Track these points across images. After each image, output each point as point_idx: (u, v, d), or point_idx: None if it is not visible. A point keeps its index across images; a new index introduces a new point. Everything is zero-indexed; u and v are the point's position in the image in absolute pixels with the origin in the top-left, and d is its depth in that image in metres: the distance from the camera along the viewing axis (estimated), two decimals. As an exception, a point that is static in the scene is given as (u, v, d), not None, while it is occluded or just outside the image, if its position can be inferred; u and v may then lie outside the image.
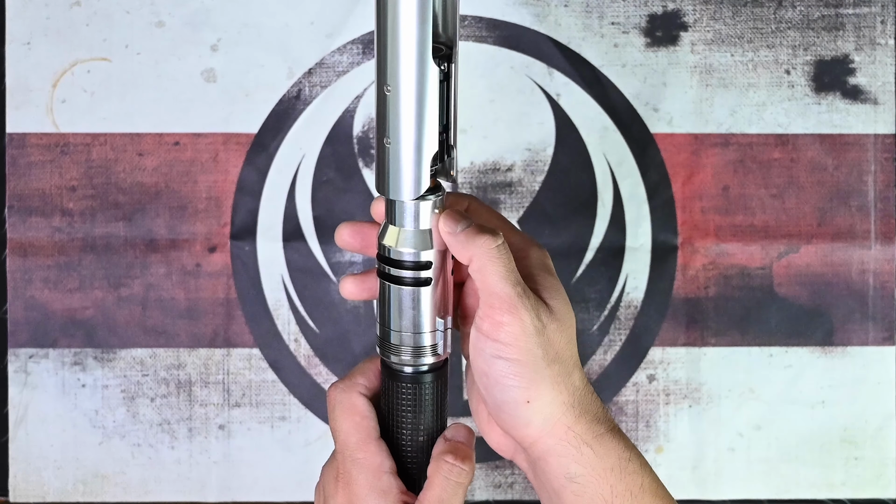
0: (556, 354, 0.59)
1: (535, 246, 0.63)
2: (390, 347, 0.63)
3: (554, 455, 0.59)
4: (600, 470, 0.59)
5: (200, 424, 0.90)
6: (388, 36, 0.58)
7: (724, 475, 0.90)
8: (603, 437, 0.60)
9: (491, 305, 0.58)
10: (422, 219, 0.61)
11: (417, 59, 0.58)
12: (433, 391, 0.64)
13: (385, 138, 0.59)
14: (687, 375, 0.90)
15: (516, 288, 0.58)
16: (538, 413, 0.59)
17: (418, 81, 0.58)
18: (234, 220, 0.90)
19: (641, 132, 0.90)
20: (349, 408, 0.63)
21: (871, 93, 0.90)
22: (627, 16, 0.90)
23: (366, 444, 0.63)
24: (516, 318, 0.58)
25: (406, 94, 0.58)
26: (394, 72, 0.58)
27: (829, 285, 0.90)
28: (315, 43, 0.90)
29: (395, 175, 0.60)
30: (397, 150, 0.59)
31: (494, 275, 0.58)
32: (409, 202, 0.60)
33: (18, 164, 0.89)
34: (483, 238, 0.59)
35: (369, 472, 0.62)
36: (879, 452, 0.90)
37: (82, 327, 0.89)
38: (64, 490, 0.90)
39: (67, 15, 0.89)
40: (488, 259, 0.58)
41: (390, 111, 0.59)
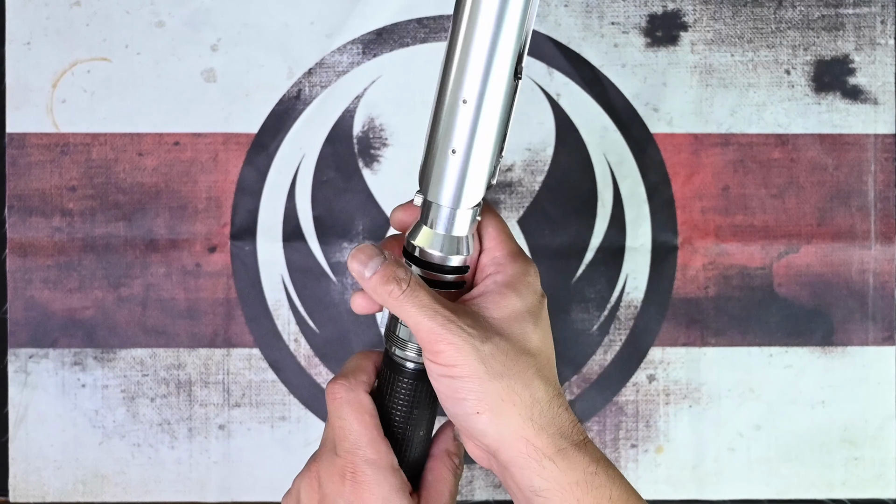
0: (503, 369, 0.60)
1: (515, 262, 0.63)
2: (398, 342, 0.63)
3: (517, 467, 0.60)
4: (565, 484, 0.59)
5: (200, 424, 0.90)
6: (474, 49, 0.58)
7: (724, 475, 0.90)
8: (566, 452, 0.60)
9: (422, 339, 0.60)
10: (469, 226, 0.62)
11: (503, 75, 0.59)
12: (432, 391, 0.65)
13: (451, 148, 0.59)
14: (687, 375, 0.90)
15: (436, 319, 0.59)
16: (490, 424, 0.59)
17: (499, 97, 0.59)
18: (234, 220, 0.90)
19: (641, 132, 0.90)
20: (358, 407, 0.64)
21: (871, 93, 0.90)
22: (627, 16, 0.90)
23: (377, 443, 0.63)
24: (447, 344, 0.59)
25: (486, 109, 0.59)
26: (474, 85, 0.59)
27: (829, 285, 0.90)
28: (315, 43, 0.90)
29: (456, 184, 0.60)
30: (465, 160, 0.60)
31: (411, 316, 0.60)
32: (463, 210, 0.61)
33: (18, 164, 0.89)
34: (388, 288, 0.60)
35: (384, 470, 0.63)
36: (879, 452, 0.90)
37: (82, 327, 0.89)
38: (64, 490, 0.90)
39: (67, 15, 0.89)
40: (399, 306, 0.60)
41: (462, 123, 0.59)
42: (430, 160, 0.61)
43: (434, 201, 0.61)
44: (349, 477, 0.63)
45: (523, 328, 0.61)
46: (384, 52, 0.90)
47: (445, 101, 0.59)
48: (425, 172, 0.61)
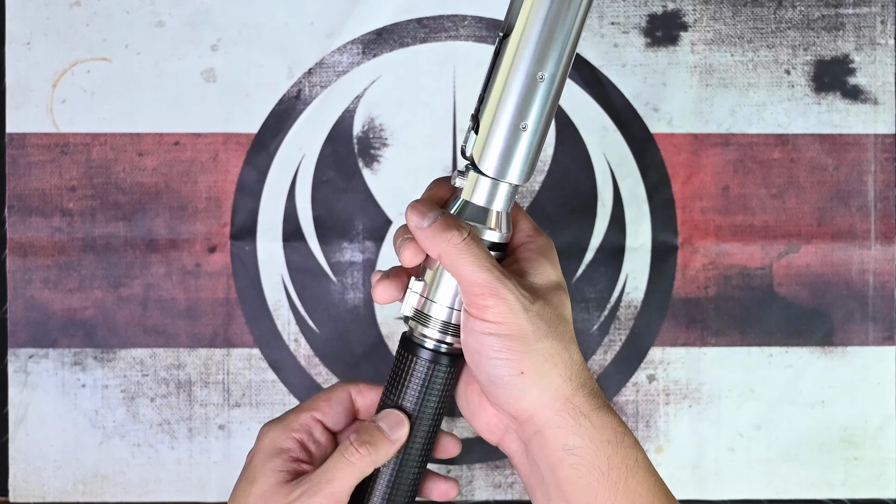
0: (548, 330, 0.61)
1: (542, 235, 0.65)
2: (422, 318, 0.64)
3: (552, 427, 0.60)
4: (598, 442, 0.60)
5: (200, 424, 0.90)
6: (564, 22, 0.59)
7: (724, 475, 0.90)
8: (600, 411, 0.61)
9: (473, 293, 0.60)
10: (512, 203, 0.64)
11: (572, 49, 0.60)
12: (444, 382, 0.65)
13: (522, 124, 0.60)
14: (687, 375, 0.90)
15: (493, 272, 0.60)
16: (533, 385, 0.60)
17: (567, 72, 0.61)
18: (234, 220, 0.90)
19: (641, 132, 0.90)
20: (329, 391, 0.68)
21: (871, 93, 0.90)
22: (627, 16, 0.90)
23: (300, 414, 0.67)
24: (500, 299, 0.59)
25: (558, 84, 0.60)
26: (553, 59, 0.60)
27: (829, 285, 0.90)
28: (315, 43, 0.90)
29: (519, 160, 0.62)
30: (534, 136, 0.61)
31: (467, 266, 0.60)
32: (511, 185, 0.63)
33: (18, 164, 0.89)
34: (450, 234, 0.60)
35: (281, 431, 0.66)
36: (879, 452, 0.90)
37: (82, 327, 0.89)
38: (64, 490, 0.90)
39: (67, 15, 0.89)
40: (458, 254, 0.60)
41: (539, 99, 0.60)
42: (492, 135, 0.61)
43: (500, 178, 0.62)
44: (256, 441, 0.67)
45: (560, 296, 0.63)
46: (384, 52, 0.90)
47: (518, 76, 0.60)
48: (485, 148, 0.62)
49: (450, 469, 0.90)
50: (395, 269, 0.65)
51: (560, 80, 0.61)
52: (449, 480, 0.70)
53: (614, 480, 0.60)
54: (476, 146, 0.62)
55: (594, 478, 0.60)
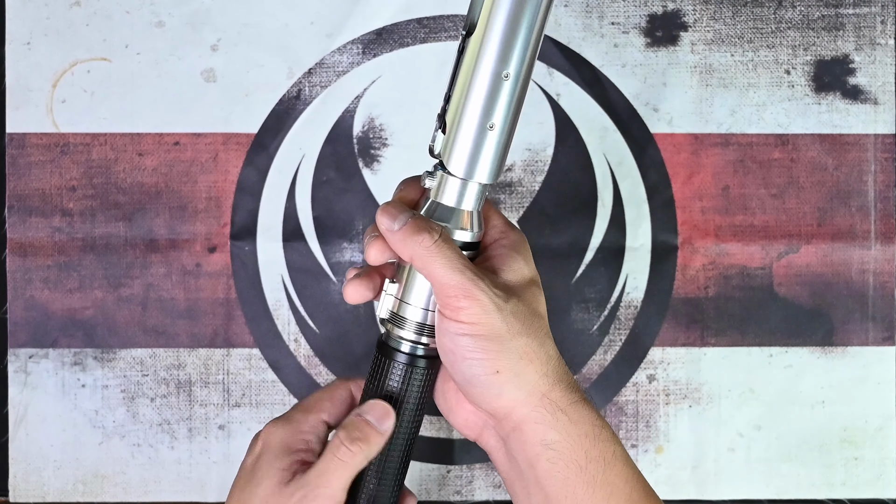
0: (522, 328, 0.61)
1: (514, 231, 0.65)
2: (397, 320, 0.64)
3: (530, 422, 0.60)
4: (575, 436, 0.60)
5: (200, 424, 0.90)
6: (523, 24, 0.59)
7: (724, 475, 0.90)
8: (577, 404, 0.61)
9: (446, 295, 0.60)
10: (482, 202, 0.63)
11: (536, 47, 0.60)
12: (422, 384, 0.65)
13: (489, 123, 0.60)
14: (687, 375, 0.90)
15: (465, 273, 0.60)
16: (509, 383, 0.60)
17: (531, 70, 0.60)
18: (234, 220, 0.90)
19: (641, 132, 0.90)
20: (329, 388, 0.68)
21: (871, 93, 0.90)
22: (627, 16, 0.90)
23: (308, 414, 0.67)
24: (473, 300, 0.59)
25: (522, 82, 0.60)
26: (517, 58, 0.59)
27: (829, 285, 0.90)
28: (315, 43, 0.90)
29: (487, 160, 0.61)
30: (501, 135, 0.61)
31: (440, 268, 0.60)
32: (480, 185, 0.62)
33: (18, 164, 0.89)
34: (420, 237, 0.60)
35: (291, 431, 0.66)
36: (879, 452, 0.90)
37: (82, 327, 0.89)
38: (64, 490, 0.90)
39: (67, 15, 0.89)
40: (429, 256, 0.60)
41: (504, 98, 0.60)
42: (458, 136, 0.61)
43: (461, 176, 0.61)
44: (261, 439, 0.66)
45: (534, 291, 0.63)
46: (384, 52, 0.90)
47: (482, 76, 0.60)
48: (451, 148, 0.61)
49: (450, 469, 0.90)
50: (367, 269, 0.65)
51: (525, 78, 0.60)
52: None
53: (592, 473, 0.60)
54: (444, 147, 0.62)
55: (572, 471, 0.60)
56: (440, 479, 0.90)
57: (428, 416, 0.90)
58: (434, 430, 0.90)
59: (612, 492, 0.61)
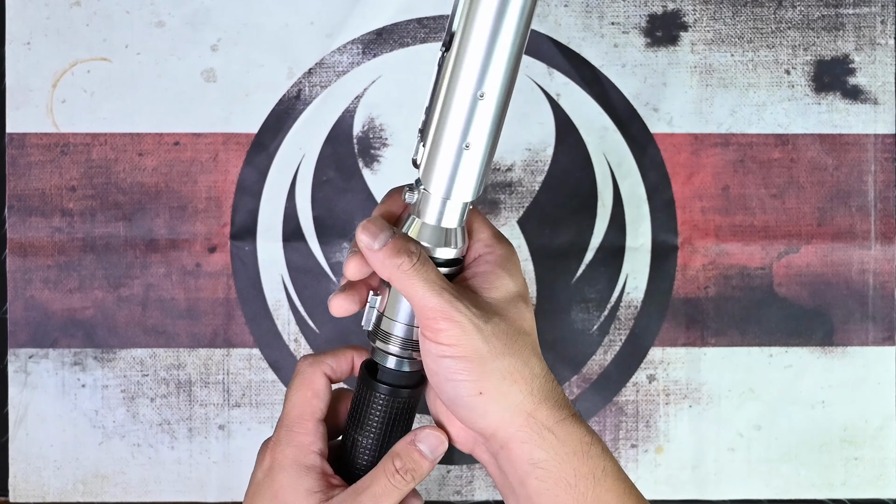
0: (504, 348, 0.60)
1: (502, 243, 0.64)
2: (381, 335, 0.63)
3: (517, 442, 0.60)
4: (563, 454, 0.60)
5: (200, 424, 0.90)
6: (500, 39, 0.57)
7: (724, 475, 0.90)
8: (565, 422, 0.61)
9: (426, 317, 0.60)
10: (464, 218, 0.62)
11: (514, 66, 0.58)
12: (409, 400, 0.65)
13: (465, 143, 0.59)
14: (687, 375, 0.90)
15: (443, 296, 0.59)
16: (494, 403, 0.60)
17: (510, 89, 0.58)
18: (234, 220, 0.90)
19: (641, 132, 0.90)
20: (306, 383, 0.65)
21: (871, 93, 0.90)
22: (627, 16, 0.90)
23: (304, 421, 0.64)
24: (452, 322, 0.59)
25: (499, 102, 0.58)
26: (492, 77, 0.57)
27: (829, 285, 0.90)
28: (315, 43, 0.90)
29: (465, 179, 0.60)
30: (478, 155, 0.59)
31: (418, 290, 0.59)
32: (462, 203, 0.61)
33: (18, 164, 0.89)
34: (398, 260, 0.60)
35: (299, 446, 0.64)
36: (879, 452, 0.90)
37: (82, 327, 0.89)
38: (64, 490, 0.90)
39: (67, 15, 0.89)
40: (407, 279, 0.60)
41: (481, 118, 0.58)
42: (437, 155, 0.60)
43: (441, 196, 0.61)
44: (271, 444, 0.65)
45: (518, 308, 0.62)
46: (384, 52, 0.90)
47: (459, 96, 0.58)
48: (431, 167, 0.60)
49: (450, 469, 0.90)
50: (351, 282, 0.65)
51: (502, 98, 0.58)
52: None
53: (582, 491, 0.60)
54: (422, 165, 0.61)
55: (561, 489, 0.60)
56: (440, 479, 0.90)
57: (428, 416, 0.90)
58: (434, 430, 0.90)
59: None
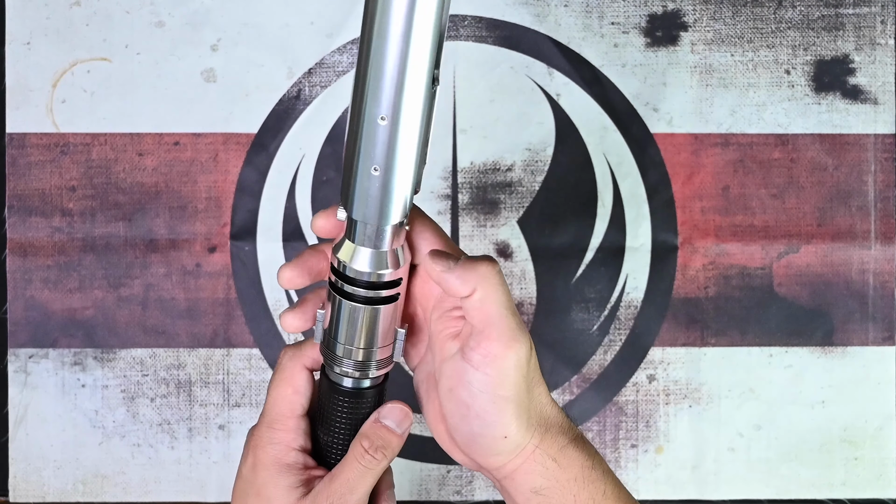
0: (533, 381, 0.59)
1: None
2: (337, 360, 0.61)
3: (521, 472, 0.60)
4: (563, 481, 0.60)
5: (200, 424, 0.90)
6: (387, 61, 0.52)
7: (724, 475, 0.90)
8: (566, 449, 0.60)
9: (488, 336, 0.56)
10: (396, 239, 0.58)
11: (420, 88, 0.53)
12: (373, 403, 0.64)
13: (373, 167, 0.55)
14: (687, 375, 0.90)
15: (516, 318, 0.57)
16: (511, 443, 0.59)
17: (417, 111, 0.54)
18: (234, 220, 0.90)
19: (641, 132, 0.90)
20: (287, 378, 0.63)
21: (871, 93, 0.90)
22: (627, 16, 0.90)
23: (285, 419, 0.63)
24: (513, 351, 0.57)
25: (406, 126, 0.54)
26: (392, 101, 0.53)
27: (829, 285, 0.90)
28: (315, 43, 0.90)
29: (378, 203, 0.56)
30: (387, 179, 0.55)
31: (497, 304, 0.56)
32: (390, 226, 0.57)
33: (18, 164, 0.89)
34: (484, 267, 0.57)
35: (279, 444, 0.63)
36: (879, 452, 0.90)
37: (82, 327, 0.89)
38: (64, 490, 0.90)
39: (67, 15, 0.89)
40: (492, 288, 0.56)
41: (383, 141, 0.54)
42: (351, 178, 0.56)
43: (359, 219, 0.57)
44: (252, 441, 0.64)
45: (522, 339, 0.59)
46: (384, 52, 0.90)
47: (362, 119, 0.54)
48: (347, 190, 0.56)
49: (450, 469, 0.90)
50: (301, 299, 0.63)
51: (405, 121, 0.54)
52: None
53: None
54: (341, 189, 0.57)
55: None
56: (440, 479, 0.90)
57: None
58: (434, 430, 0.90)
59: None
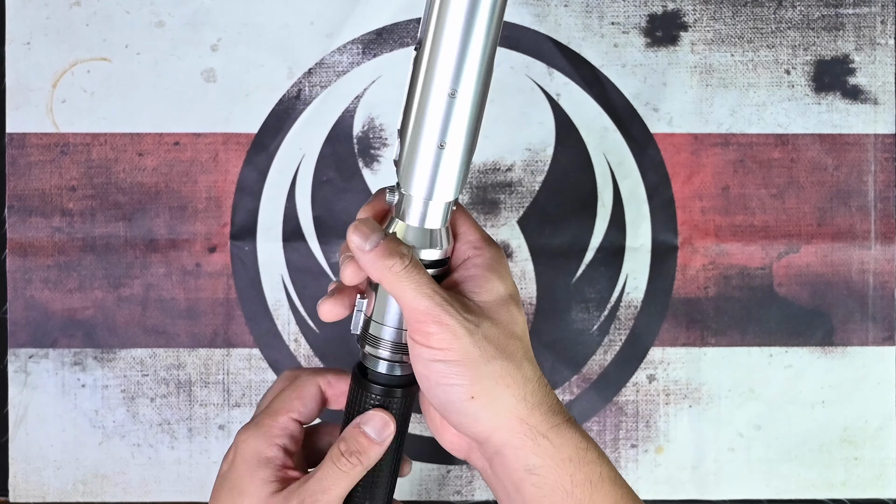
0: (496, 352, 0.60)
1: (490, 246, 0.63)
2: (370, 339, 0.63)
3: (511, 448, 0.60)
4: (558, 461, 0.60)
5: (200, 424, 0.90)
6: (461, 36, 0.56)
7: (724, 475, 0.90)
8: (559, 428, 0.60)
9: (416, 320, 0.59)
10: (446, 219, 0.62)
11: (488, 61, 0.57)
12: (405, 402, 0.65)
13: (438, 143, 0.58)
14: (687, 375, 0.90)
15: (434, 299, 0.59)
16: (485, 408, 0.59)
17: (485, 85, 0.58)
18: (234, 220, 0.90)
19: (641, 132, 0.90)
20: (296, 386, 0.66)
21: (871, 93, 0.90)
22: (627, 16, 0.90)
23: (276, 415, 0.66)
24: (442, 325, 0.59)
25: (472, 100, 0.58)
26: (464, 76, 0.57)
27: (829, 285, 0.90)
28: (315, 43, 0.90)
29: (439, 179, 0.59)
30: (452, 154, 0.59)
31: (408, 293, 0.59)
32: (444, 203, 0.60)
33: (18, 164, 0.89)
34: (390, 262, 0.59)
35: (263, 437, 0.65)
36: (879, 452, 0.90)
37: (82, 327, 0.89)
38: (64, 490, 0.90)
39: (67, 15, 0.89)
40: (397, 281, 0.59)
41: (452, 116, 0.58)
42: (413, 154, 0.59)
43: (416, 196, 0.60)
44: (233, 447, 0.65)
45: (510, 311, 0.61)
46: (384, 52, 0.90)
47: (430, 94, 0.58)
48: (406, 166, 0.60)
49: (450, 469, 0.90)
50: (340, 286, 0.64)
51: (476, 97, 0.58)
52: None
53: (578, 498, 0.60)
54: (401, 165, 0.60)
55: (559, 496, 0.60)
56: (440, 479, 0.90)
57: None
58: (434, 430, 0.90)
59: None
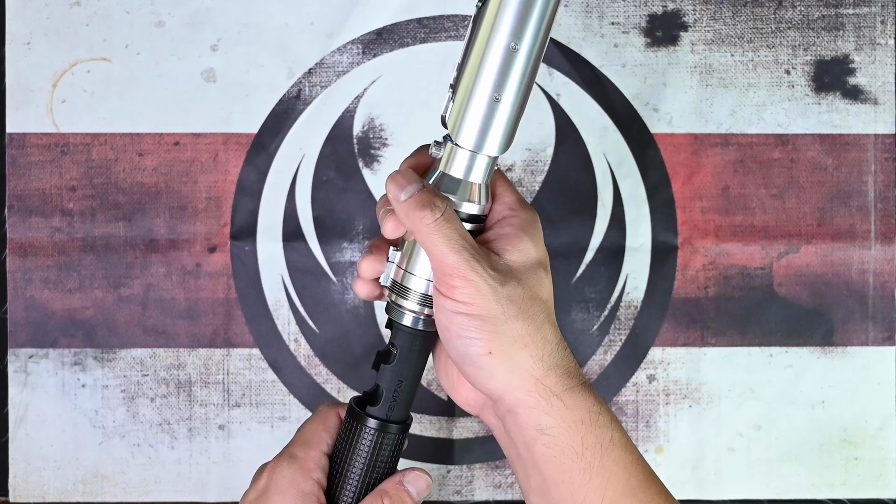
0: (518, 312, 0.60)
1: (526, 209, 0.64)
2: (400, 289, 0.64)
3: (524, 406, 0.60)
4: (570, 422, 0.60)
5: (200, 424, 0.90)
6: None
7: (724, 475, 0.90)
8: (574, 391, 0.61)
9: (443, 273, 0.60)
10: (489, 174, 0.63)
11: (548, 21, 0.59)
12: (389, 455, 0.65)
13: (495, 96, 0.60)
14: (687, 375, 0.90)
15: (462, 254, 0.60)
16: (501, 365, 0.60)
17: (543, 45, 0.60)
18: (234, 220, 0.90)
19: (641, 132, 0.90)
20: (320, 418, 0.67)
21: (871, 93, 0.90)
22: (627, 16, 0.90)
23: (309, 449, 0.66)
24: (468, 281, 0.59)
25: (532, 55, 0.60)
26: (528, 29, 0.59)
27: (829, 285, 0.90)
28: (315, 43, 0.90)
29: (494, 132, 0.61)
30: (507, 108, 0.60)
31: (438, 246, 0.60)
32: (490, 157, 0.62)
33: (18, 164, 0.89)
34: (422, 213, 0.60)
35: (299, 470, 0.65)
36: (879, 452, 0.90)
37: (82, 327, 0.89)
38: (64, 490, 0.90)
39: (67, 15, 0.89)
40: (428, 232, 0.60)
41: (513, 70, 0.60)
42: (469, 107, 0.61)
43: (465, 147, 0.61)
44: (266, 474, 0.66)
45: (538, 275, 0.62)
46: (384, 52, 0.90)
47: (490, 47, 0.60)
48: (461, 119, 0.61)
49: (450, 469, 0.90)
50: (377, 242, 0.65)
51: (536, 52, 0.60)
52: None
53: (588, 460, 0.60)
54: (451, 117, 0.62)
55: (568, 457, 0.60)
56: (440, 479, 0.90)
57: (428, 417, 0.90)
58: (434, 430, 0.90)
59: (609, 478, 0.60)
